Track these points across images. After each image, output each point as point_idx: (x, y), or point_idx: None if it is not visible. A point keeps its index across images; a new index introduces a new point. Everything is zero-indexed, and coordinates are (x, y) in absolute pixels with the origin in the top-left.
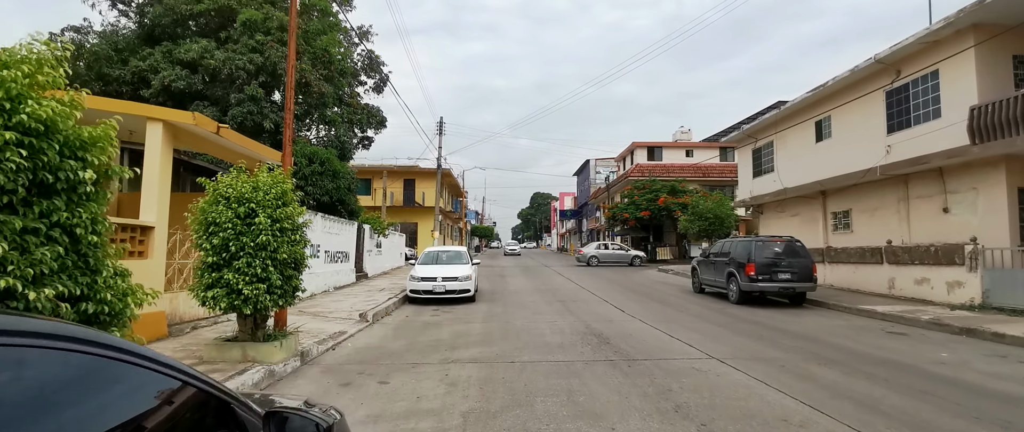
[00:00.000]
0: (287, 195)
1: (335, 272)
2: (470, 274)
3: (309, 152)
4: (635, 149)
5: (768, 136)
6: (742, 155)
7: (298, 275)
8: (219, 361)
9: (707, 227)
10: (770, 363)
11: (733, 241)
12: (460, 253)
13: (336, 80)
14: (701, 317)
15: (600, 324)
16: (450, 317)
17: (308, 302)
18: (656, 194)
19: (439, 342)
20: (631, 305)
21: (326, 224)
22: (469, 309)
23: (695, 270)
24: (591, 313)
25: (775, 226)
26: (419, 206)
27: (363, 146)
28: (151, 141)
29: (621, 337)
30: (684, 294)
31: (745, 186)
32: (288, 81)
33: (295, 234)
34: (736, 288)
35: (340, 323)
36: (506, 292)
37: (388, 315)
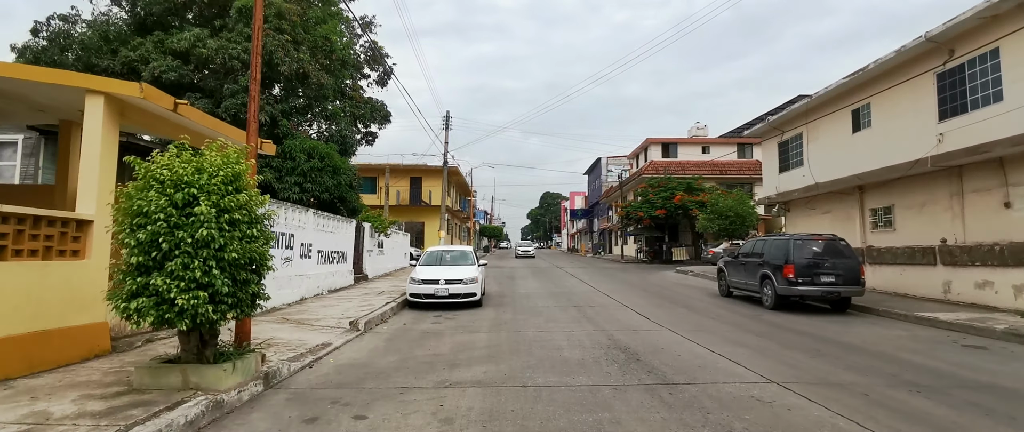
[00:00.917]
0: (242, 179)
1: (330, 274)
2: (476, 276)
3: (308, 147)
4: (649, 145)
5: (797, 127)
6: (766, 149)
7: (257, 279)
8: (152, 390)
9: (727, 226)
10: (847, 390)
11: (766, 240)
12: (465, 253)
13: (337, 71)
14: (737, 326)
15: (625, 335)
16: (453, 325)
17: (295, 307)
18: (672, 192)
19: (437, 358)
20: (655, 311)
21: (320, 221)
22: (475, 315)
23: (722, 272)
24: (612, 321)
25: (803, 224)
26: (426, 205)
27: (367, 142)
28: (91, 118)
29: (652, 352)
30: (710, 298)
31: (770, 182)
32: (255, 31)
33: (252, 228)
34: (771, 292)
35: (325, 333)
36: (516, 296)
37: (383, 323)
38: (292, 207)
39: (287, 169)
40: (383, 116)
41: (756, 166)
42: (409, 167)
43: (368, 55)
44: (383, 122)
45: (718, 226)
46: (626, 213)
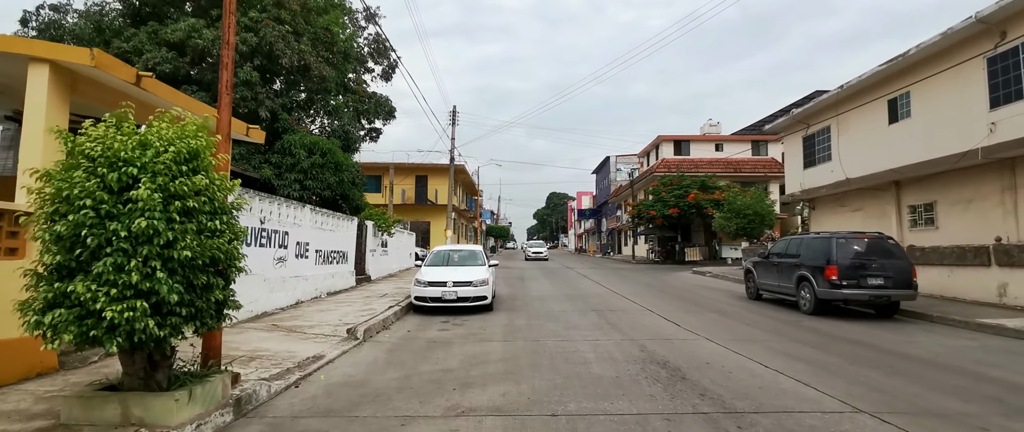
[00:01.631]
0: (201, 158)
1: (329, 275)
2: (487, 278)
3: (309, 142)
4: (661, 143)
5: (825, 120)
6: (790, 144)
7: (223, 283)
8: (83, 425)
9: (746, 225)
10: (958, 422)
11: (802, 239)
12: (474, 253)
13: (340, 64)
14: (780, 334)
15: (658, 345)
16: (462, 332)
17: (289, 312)
18: (685, 190)
19: (446, 374)
20: (683, 316)
21: (318, 219)
22: (486, 321)
23: (750, 273)
24: (639, 327)
25: (830, 223)
26: (431, 204)
27: (371, 138)
28: (34, 90)
29: (696, 367)
30: (738, 301)
31: (793, 178)
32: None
33: (215, 219)
34: (810, 296)
35: (319, 343)
36: (528, 299)
37: (385, 329)
38: (286, 202)
39: (287, 166)
40: (387, 111)
41: (771, 164)
42: (414, 166)
43: (372, 48)
44: (387, 118)
45: (736, 225)
46: (638, 212)
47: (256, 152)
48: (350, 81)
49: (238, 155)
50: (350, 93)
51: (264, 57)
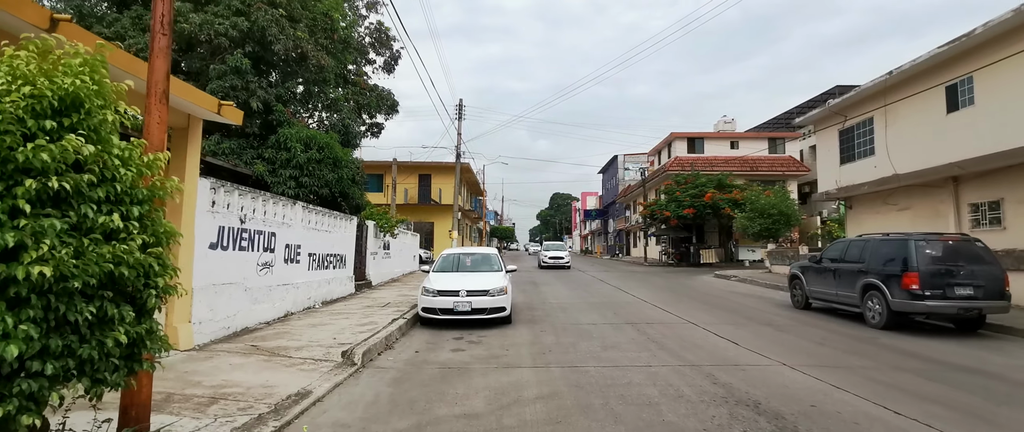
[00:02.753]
0: (87, 110)
1: (325, 282)
2: (505, 286)
3: (305, 136)
4: (674, 140)
5: (866, 111)
6: (824, 138)
7: (134, 315)
8: None
9: (770, 225)
10: None
11: (867, 241)
12: (489, 257)
13: (339, 53)
14: (868, 357)
15: (729, 374)
16: (482, 353)
17: (276, 328)
18: (701, 189)
19: (471, 425)
20: (734, 330)
21: (311, 218)
22: (506, 337)
23: (796, 279)
24: (692, 347)
25: (873, 223)
26: (435, 204)
27: (372, 134)
28: None
29: (804, 414)
30: (785, 310)
31: (828, 174)
32: None
33: (113, 213)
34: (881, 307)
35: (306, 372)
36: (548, 308)
37: (388, 349)
38: (273, 199)
39: (281, 161)
40: (390, 105)
41: (789, 162)
42: (417, 164)
43: (374, 37)
44: (390, 112)
45: (760, 226)
46: (651, 213)
47: (248, 147)
48: (350, 72)
49: (228, 149)
50: (350, 85)
51: (256, 43)
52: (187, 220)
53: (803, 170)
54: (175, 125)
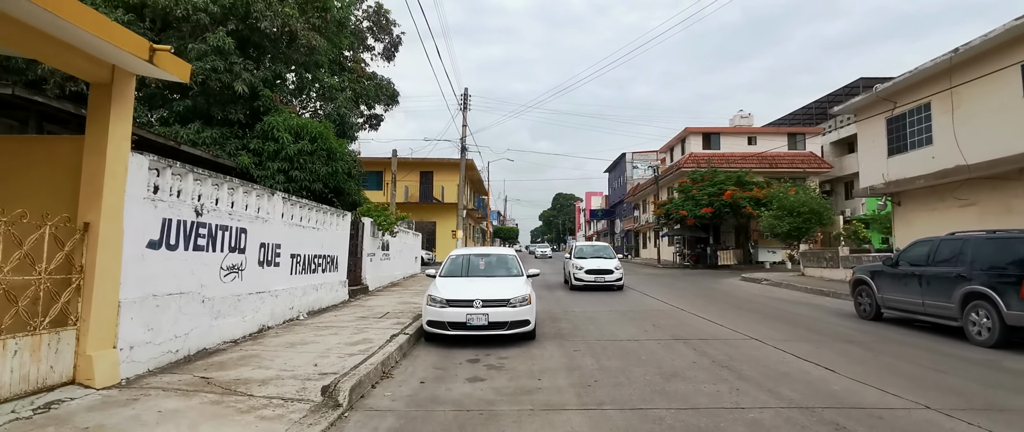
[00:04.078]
0: None
1: (311, 288)
2: (528, 294)
3: (295, 125)
4: (688, 136)
5: (921, 96)
6: (867, 128)
7: None
8: None
9: (800, 224)
10: None
11: (967, 239)
12: (506, 259)
13: (333, 35)
14: (999, 386)
15: (867, 425)
16: (508, 385)
17: (244, 349)
18: (720, 187)
19: None
20: (816, 350)
21: (295, 212)
22: (534, 359)
23: (863, 285)
24: (778, 376)
25: (927, 222)
26: (437, 202)
27: (371, 126)
28: None
29: None
30: (852, 321)
31: (872, 168)
32: None
33: None
34: (991, 321)
35: (266, 424)
36: (572, 317)
37: (386, 378)
38: (244, 186)
39: (269, 152)
40: (389, 95)
41: (810, 158)
42: (419, 161)
43: (372, 21)
44: (390, 103)
45: (789, 225)
46: (665, 212)
47: (233, 136)
48: (346, 59)
49: (209, 139)
50: (346, 72)
51: (240, 20)
52: (111, 210)
53: (825, 167)
54: (94, 79)
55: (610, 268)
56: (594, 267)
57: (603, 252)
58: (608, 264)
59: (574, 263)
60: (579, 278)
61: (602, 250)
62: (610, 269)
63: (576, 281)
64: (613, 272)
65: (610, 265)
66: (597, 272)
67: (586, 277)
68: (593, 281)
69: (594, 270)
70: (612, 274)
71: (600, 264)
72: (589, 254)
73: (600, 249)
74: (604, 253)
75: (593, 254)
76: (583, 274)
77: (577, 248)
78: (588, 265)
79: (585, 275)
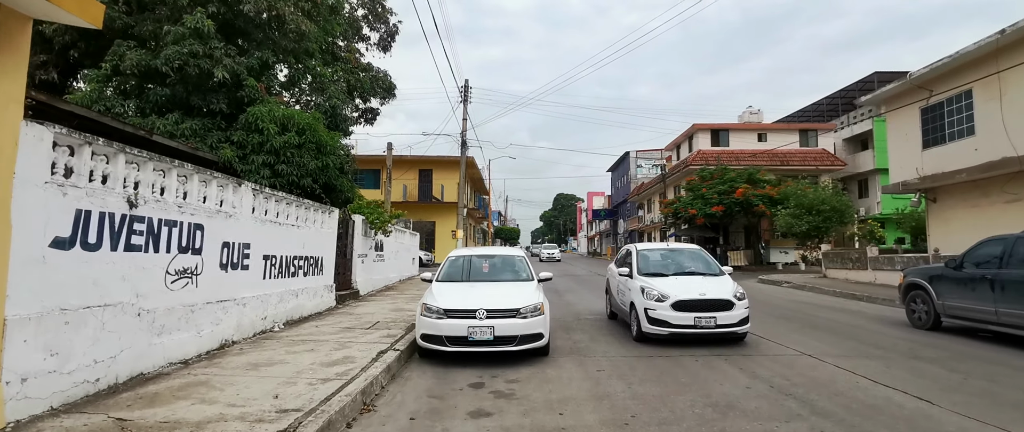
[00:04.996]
0: None
1: (290, 294)
2: (540, 303)
3: (281, 116)
4: (696, 133)
5: (961, 83)
6: (898, 119)
7: None
8: None
9: (821, 223)
10: None
11: None
12: (513, 261)
13: (325, 20)
14: None
15: None
16: (523, 423)
17: (193, 372)
18: (731, 184)
19: None
20: (887, 371)
21: (268, 206)
22: (550, 383)
23: (919, 290)
24: (863, 407)
25: (967, 220)
26: (437, 201)
27: (366, 120)
28: None
29: None
30: (907, 331)
31: (905, 161)
32: None
33: None
34: None
35: None
36: (586, 325)
37: (369, 412)
38: (200, 172)
39: (253, 145)
40: (386, 88)
41: (823, 155)
42: (418, 158)
43: (367, 8)
44: (386, 96)
45: (808, 224)
46: (674, 211)
47: (215, 128)
48: (340, 48)
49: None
50: (340, 62)
51: (221, 2)
52: None
53: (838, 164)
54: None
55: (726, 296)
56: (695, 297)
57: (698, 261)
58: (718, 287)
59: (642, 286)
60: (661, 317)
61: (694, 258)
62: (726, 298)
63: (654, 324)
64: (733, 304)
65: (723, 289)
66: (702, 306)
67: (679, 317)
68: (694, 327)
69: (696, 303)
70: (733, 309)
71: (702, 287)
72: (672, 267)
73: (690, 256)
74: (701, 263)
75: (680, 267)
76: (669, 310)
77: (642, 254)
78: (677, 290)
79: (674, 314)
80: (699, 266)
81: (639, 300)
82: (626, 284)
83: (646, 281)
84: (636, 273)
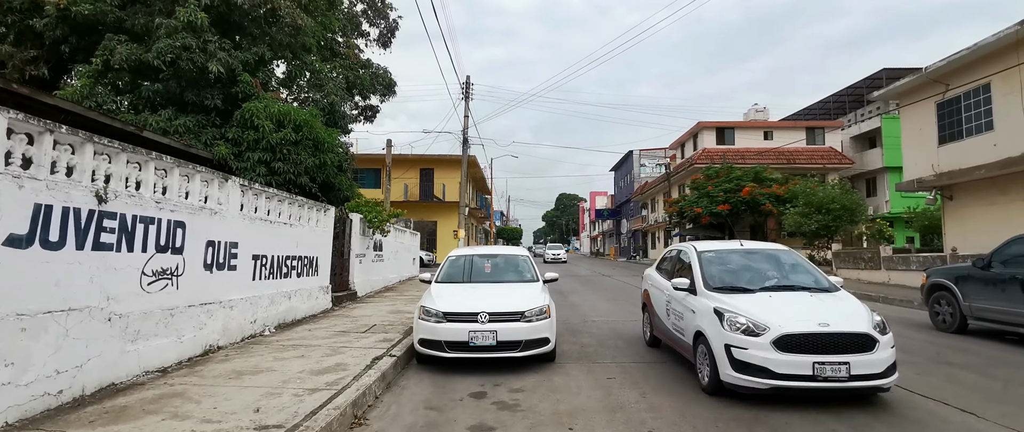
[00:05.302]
0: None
1: (282, 296)
2: (545, 305)
3: (276, 112)
4: (701, 131)
5: (979, 76)
6: (912, 114)
7: None
8: None
9: (830, 222)
10: None
11: None
12: (517, 261)
13: (323, 14)
14: None
15: None
16: None
17: (170, 382)
18: (737, 183)
19: None
20: (912, 375)
21: (257, 202)
22: (558, 392)
23: (944, 292)
24: (896, 418)
25: (983, 217)
26: (438, 201)
27: (366, 117)
28: None
29: None
30: (932, 334)
31: (920, 158)
32: None
33: None
34: None
35: None
36: (593, 328)
37: (360, 426)
38: (181, 165)
39: (249, 142)
40: (386, 85)
41: (831, 153)
42: (419, 157)
43: (367, 3)
44: (386, 93)
45: (817, 223)
46: (679, 210)
47: (209, 124)
48: (339, 44)
49: (182, 127)
50: (339, 58)
51: None
52: None
53: (846, 162)
54: None
55: (861, 328)
56: (812, 329)
57: (799, 270)
58: (844, 313)
59: (718, 308)
60: (756, 362)
61: (792, 266)
62: (862, 331)
63: (745, 371)
64: (875, 342)
65: (853, 316)
66: (825, 344)
67: (787, 362)
68: (813, 378)
69: (815, 340)
70: (875, 351)
71: (820, 313)
72: (759, 278)
73: (782, 262)
74: (802, 273)
75: (772, 279)
76: (769, 350)
77: (706, 257)
78: (779, 317)
79: (779, 356)
80: (802, 277)
81: (715, 331)
82: (685, 302)
83: (724, 301)
84: (702, 286)
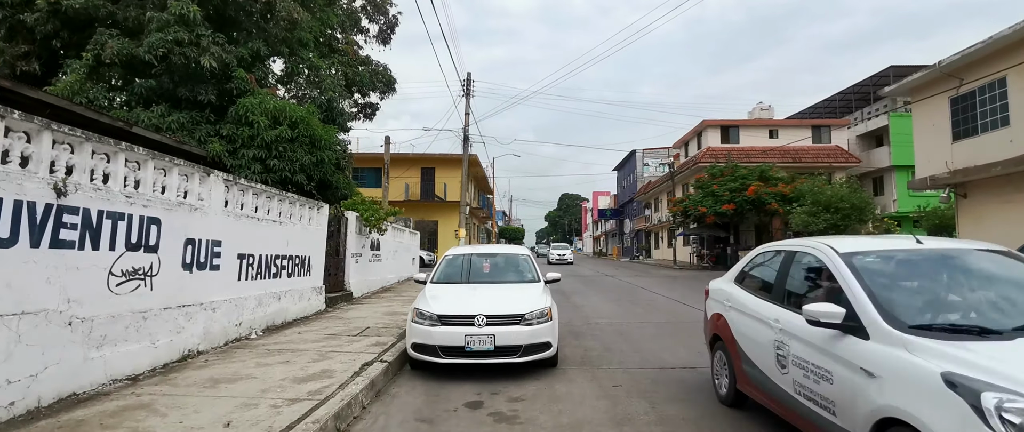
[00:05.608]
0: None
1: (271, 297)
2: (547, 307)
3: (272, 108)
4: (705, 129)
5: (995, 70)
6: (924, 110)
7: None
8: None
9: (838, 221)
10: None
11: None
12: (517, 260)
13: (319, 9)
14: None
15: None
16: None
17: (140, 391)
18: (743, 182)
19: None
20: None
21: (241, 198)
22: (561, 403)
23: None
24: None
25: (998, 216)
26: (439, 200)
27: (365, 115)
28: None
29: None
30: None
31: (933, 155)
32: None
33: None
34: None
35: None
36: (596, 331)
37: None
38: (154, 156)
39: (243, 139)
40: (386, 82)
41: (837, 152)
42: (419, 156)
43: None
44: (386, 90)
45: (826, 222)
46: (683, 210)
47: (203, 121)
48: (338, 41)
49: (176, 123)
50: (337, 54)
51: None
52: None
53: (853, 161)
54: None
55: None
56: None
57: None
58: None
59: (978, 379)
60: None
61: None
62: None
63: None
64: None
65: None
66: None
67: None
68: None
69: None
70: None
71: None
72: (993, 307)
73: (1006, 266)
74: None
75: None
76: None
77: (866, 264)
78: None
79: None
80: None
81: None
82: (834, 350)
83: (965, 360)
84: (882, 321)
